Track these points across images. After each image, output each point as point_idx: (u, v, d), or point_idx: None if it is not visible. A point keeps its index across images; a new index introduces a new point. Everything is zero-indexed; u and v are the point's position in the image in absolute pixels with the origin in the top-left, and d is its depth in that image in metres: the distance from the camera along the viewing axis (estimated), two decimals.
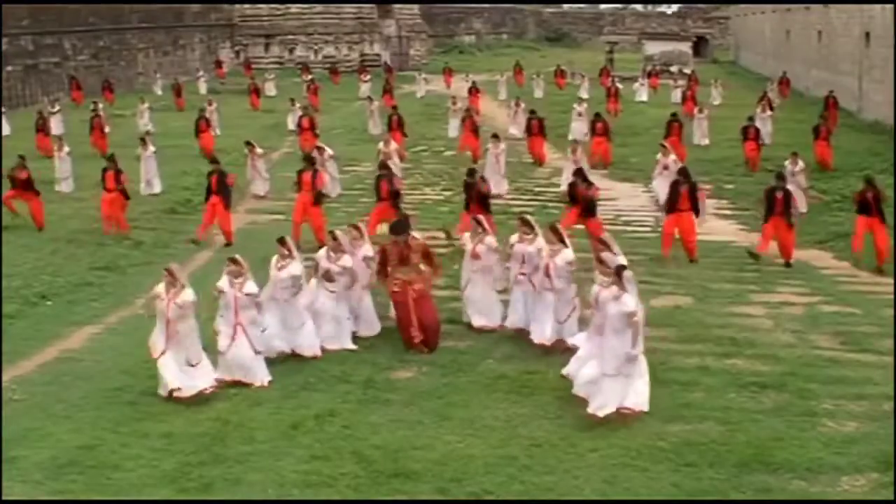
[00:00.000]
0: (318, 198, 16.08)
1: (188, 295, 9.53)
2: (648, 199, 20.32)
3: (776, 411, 9.15)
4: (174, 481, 7.93)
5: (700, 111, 28.31)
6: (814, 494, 7.65)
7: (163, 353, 9.58)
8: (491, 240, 11.70)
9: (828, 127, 23.70)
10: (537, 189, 21.58)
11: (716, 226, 17.67)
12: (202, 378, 9.65)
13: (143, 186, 20.96)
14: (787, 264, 14.68)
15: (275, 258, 10.83)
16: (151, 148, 21.38)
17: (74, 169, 21.85)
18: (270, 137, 28.39)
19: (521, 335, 11.14)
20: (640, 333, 8.73)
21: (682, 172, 15.55)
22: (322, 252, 11.46)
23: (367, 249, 11.54)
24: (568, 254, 10.66)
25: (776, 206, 14.60)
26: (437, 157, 26.71)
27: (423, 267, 11.12)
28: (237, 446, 8.53)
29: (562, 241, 10.77)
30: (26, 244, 16.60)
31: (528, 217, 11.62)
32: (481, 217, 12.32)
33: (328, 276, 11.09)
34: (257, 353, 10.06)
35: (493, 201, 16.17)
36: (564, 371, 9.47)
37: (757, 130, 23.93)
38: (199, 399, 9.51)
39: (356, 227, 11.90)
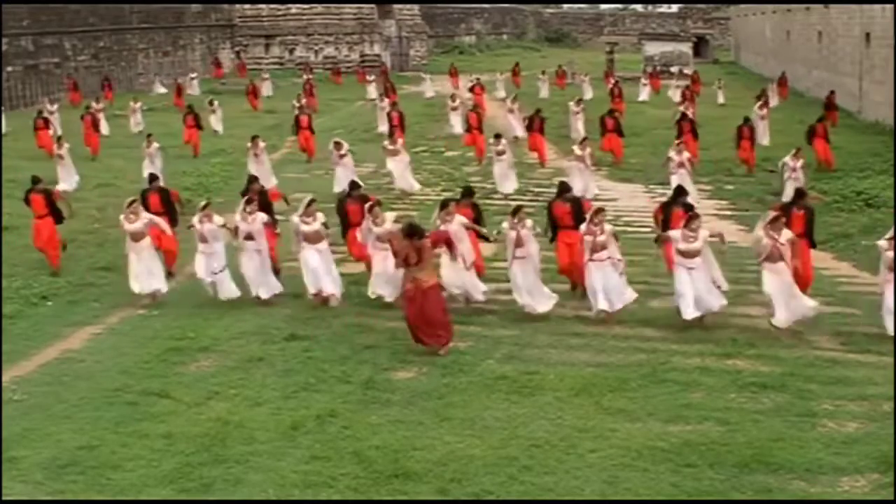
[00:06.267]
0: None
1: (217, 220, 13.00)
2: (648, 200, 20.28)
3: (776, 411, 9.14)
4: (174, 481, 7.93)
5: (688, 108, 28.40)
6: (814, 495, 7.64)
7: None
8: (531, 223, 12.23)
9: (824, 125, 23.64)
10: (538, 189, 21.55)
11: (716, 226, 17.61)
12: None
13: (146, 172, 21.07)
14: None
15: (238, 214, 12.80)
16: (156, 144, 21.48)
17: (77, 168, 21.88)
18: (270, 138, 28.36)
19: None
20: None
21: (679, 191, 14.14)
22: (295, 218, 12.82)
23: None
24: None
25: (794, 227, 12.31)
26: (437, 158, 26.69)
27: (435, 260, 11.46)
28: (237, 446, 8.52)
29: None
30: (26, 244, 16.57)
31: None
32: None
33: (316, 238, 12.61)
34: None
35: (495, 200, 15.93)
36: None
37: (751, 130, 23.84)
38: (198, 398, 9.57)
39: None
